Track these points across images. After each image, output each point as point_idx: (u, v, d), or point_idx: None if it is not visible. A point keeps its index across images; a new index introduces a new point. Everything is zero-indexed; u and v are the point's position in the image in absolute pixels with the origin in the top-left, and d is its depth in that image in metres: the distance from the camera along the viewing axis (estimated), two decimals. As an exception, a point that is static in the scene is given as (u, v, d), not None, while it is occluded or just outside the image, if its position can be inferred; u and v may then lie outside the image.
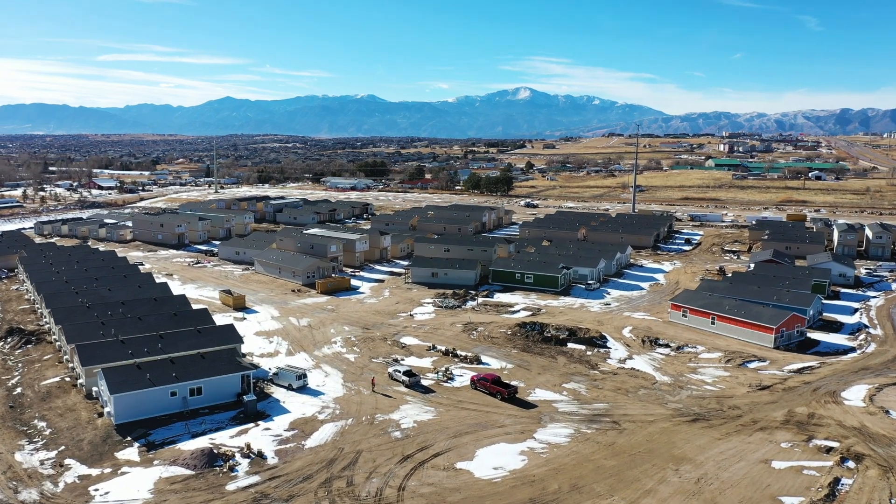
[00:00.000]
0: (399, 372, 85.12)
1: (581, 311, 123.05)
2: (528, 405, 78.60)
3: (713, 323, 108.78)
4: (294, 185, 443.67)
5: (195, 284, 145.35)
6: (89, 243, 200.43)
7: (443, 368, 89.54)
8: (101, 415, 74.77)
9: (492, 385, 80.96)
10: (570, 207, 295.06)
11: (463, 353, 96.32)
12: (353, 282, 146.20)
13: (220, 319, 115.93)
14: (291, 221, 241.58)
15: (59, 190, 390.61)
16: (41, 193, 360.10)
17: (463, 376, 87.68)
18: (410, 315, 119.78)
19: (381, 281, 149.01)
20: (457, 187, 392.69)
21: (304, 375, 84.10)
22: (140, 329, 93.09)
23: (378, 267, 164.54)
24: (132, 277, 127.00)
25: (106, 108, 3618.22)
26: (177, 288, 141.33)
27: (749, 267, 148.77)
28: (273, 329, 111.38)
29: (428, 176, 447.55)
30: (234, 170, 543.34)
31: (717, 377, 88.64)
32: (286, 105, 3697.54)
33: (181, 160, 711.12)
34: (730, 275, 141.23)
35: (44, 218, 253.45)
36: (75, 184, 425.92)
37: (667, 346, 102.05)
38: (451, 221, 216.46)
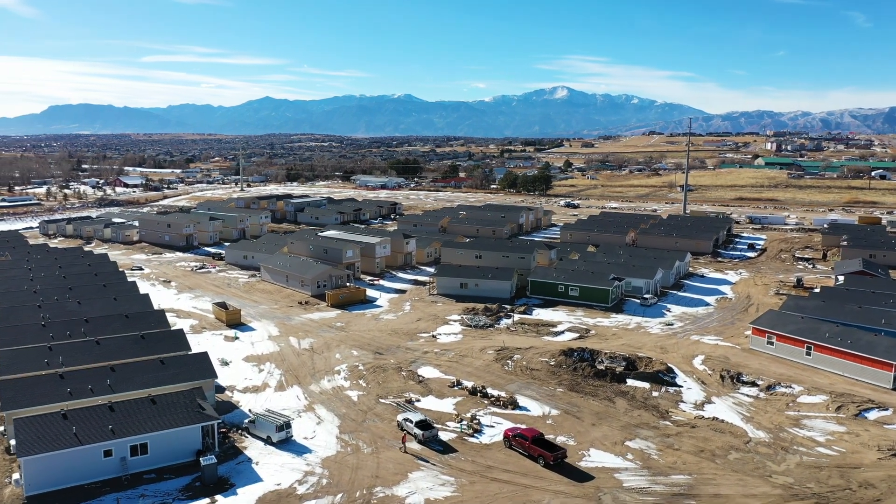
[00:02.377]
0: (411, 422, 65.47)
1: (638, 334, 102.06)
2: (581, 475, 58.34)
3: (809, 354, 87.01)
4: (323, 183, 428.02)
5: (192, 293, 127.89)
6: (93, 244, 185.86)
7: (468, 416, 69.71)
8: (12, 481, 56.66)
9: (532, 445, 60.84)
10: (614, 208, 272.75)
11: (495, 393, 76.32)
12: (370, 292, 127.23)
13: (208, 339, 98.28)
14: (313, 222, 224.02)
15: (84, 188, 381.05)
16: (65, 191, 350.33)
17: (494, 427, 67.72)
18: (433, 336, 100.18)
19: (403, 292, 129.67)
20: (492, 186, 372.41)
21: (288, 425, 65.03)
22: (94, 357, 75.18)
23: (401, 275, 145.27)
24: (112, 287, 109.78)
25: (149, 108, 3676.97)
26: (171, 297, 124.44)
27: (837, 280, 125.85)
28: (267, 353, 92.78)
29: (462, 174, 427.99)
30: (265, 168, 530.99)
31: (830, 433, 67.17)
32: (324, 105, 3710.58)
33: (216, 158, 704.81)
34: (816, 289, 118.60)
35: (51, 217, 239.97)
36: (101, 182, 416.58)
37: (753, 384, 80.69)
38: (484, 223, 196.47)
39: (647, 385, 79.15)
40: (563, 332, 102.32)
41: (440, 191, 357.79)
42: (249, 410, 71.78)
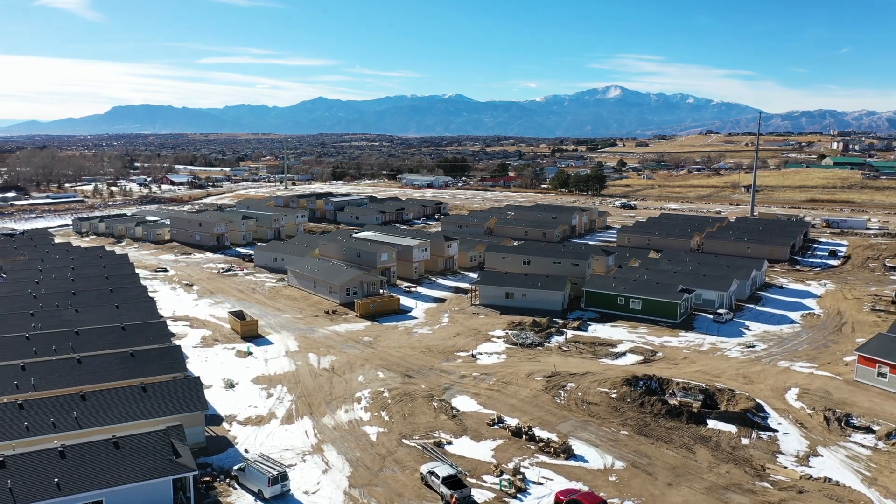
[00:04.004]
0: (437, 477, 52.18)
1: (714, 358, 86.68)
2: (657, 563, 44.20)
3: (934, 391, 70.62)
4: (369, 181, 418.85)
5: (212, 299, 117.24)
6: (124, 243, 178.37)
7: (510, 468, 56.03)
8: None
9: (592, 518, 46.93)
10: (674, 209, 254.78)
11: (544, 435, 62.35)
12: (405, 301, 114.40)
13: (217, 354, 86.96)
14: (353, 221, 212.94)
15: (132, 185, 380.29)
16: (112, 188, 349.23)
17: (543, 485, 53.91)
18: (472, 356, 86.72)
19: (442, 301, 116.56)
20: (543, 186, 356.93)
21: (284, 477, 52.38)
22: (70, 379, 64.27)
23: (441, 281, 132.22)
24: (120, 292, 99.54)
25: (206, 108, 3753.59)
26: (188, 303, 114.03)
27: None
28: (281, 372, 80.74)
29: (512, 174, 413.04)
30: (313, 167, 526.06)
31: (985, 507, 51.36)
32: (375, 105, 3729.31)
33: (268, 157, 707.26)
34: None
35: (87, 214, 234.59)
36: (149, 179, 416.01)
37: (867, 429, 64.85)
38: (534, 224, 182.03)
39: (733, 428, 64.06)
40: (624, 354, 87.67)
41: (488, 190, 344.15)
42: (245, 451, 59.61)
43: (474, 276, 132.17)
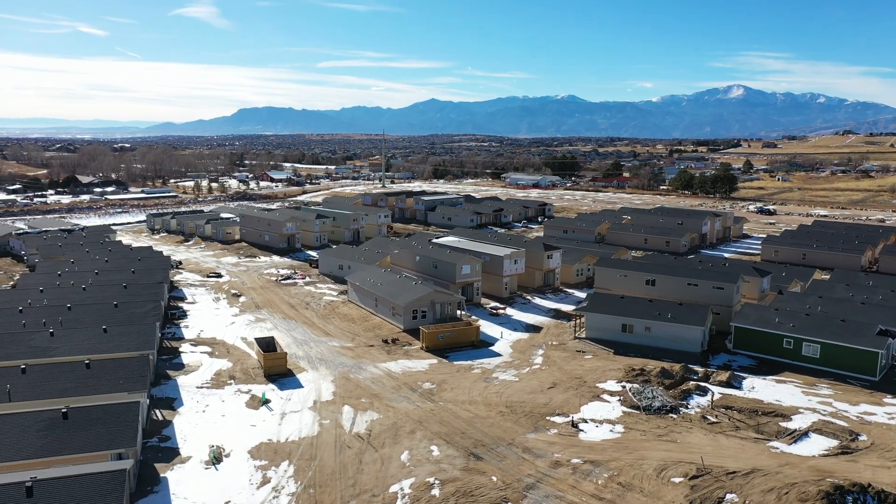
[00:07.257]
0: None
1: (956, 449, 55.41)
2: None
3: None
4: (471, 180, 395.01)
5: (254, 315, 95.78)
6: (192, 242, 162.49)
7: None
8: None
9: None
10: (823, 216, 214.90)
11: None
12: (488, 328, 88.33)
13: (225, 401, 64.25)
14: (444, 223, 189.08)
15: (232, 182, 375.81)
16: (212, 184, 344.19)
17: None
18: (572, 423, 59.57)
19: (536, 330, 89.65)
20: (661, 187, 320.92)
21: None
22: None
23: (537, 300, 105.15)
24: (125, 307, 79.40)
25: (324, 110, 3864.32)
26: (224, 320, 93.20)
27: None
28: (295, 439, 56.77)
29: (626, 174, 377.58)
30: (417, 165, 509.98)
31: None
32: (487, 106, 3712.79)
33: (376, 157, 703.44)
34: None
35: (164, 209, 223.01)
36: (249, 176, 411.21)
37: None
38: (655, 231, 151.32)
39: None
40: (806, 435, 57.80)
41: (600, 191, 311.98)
42: None
43: (581, 295, 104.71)
